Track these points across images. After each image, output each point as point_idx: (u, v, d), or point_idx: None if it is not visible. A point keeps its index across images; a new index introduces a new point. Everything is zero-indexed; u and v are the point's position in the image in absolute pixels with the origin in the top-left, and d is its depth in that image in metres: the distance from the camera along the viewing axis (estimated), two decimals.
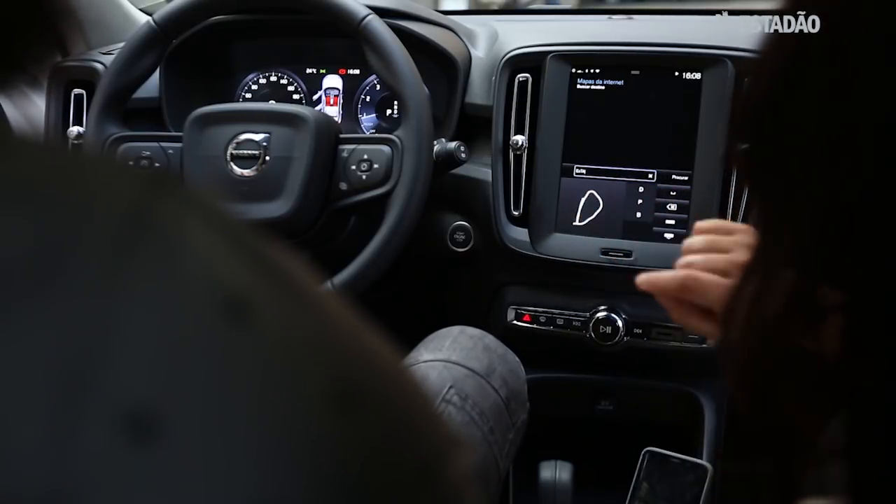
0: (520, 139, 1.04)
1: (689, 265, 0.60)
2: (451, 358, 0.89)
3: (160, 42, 1.02)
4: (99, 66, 1.13)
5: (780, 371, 0.33)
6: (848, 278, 0.30)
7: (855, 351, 0.30)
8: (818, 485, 0.32)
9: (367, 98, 1.23)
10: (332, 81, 1.24)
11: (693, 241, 0.63)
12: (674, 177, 1.01)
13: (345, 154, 0.97)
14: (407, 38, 1.03)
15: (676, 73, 1.01)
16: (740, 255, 0.59)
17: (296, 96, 1.25)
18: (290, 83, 1.25)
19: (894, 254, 0.29)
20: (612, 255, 1.02)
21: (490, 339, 0.95)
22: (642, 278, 0.62)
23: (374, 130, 1.23)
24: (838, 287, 0.31)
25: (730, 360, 0.35)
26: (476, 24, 1.23)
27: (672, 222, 1.01)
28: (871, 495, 0.30)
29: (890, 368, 0.30)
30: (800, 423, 0.33)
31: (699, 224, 0.65)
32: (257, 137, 0.96)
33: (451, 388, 0.85)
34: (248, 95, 1.26)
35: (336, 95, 1.24)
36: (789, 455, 0.33)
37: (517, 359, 0.97)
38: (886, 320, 0.29)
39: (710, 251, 0.61)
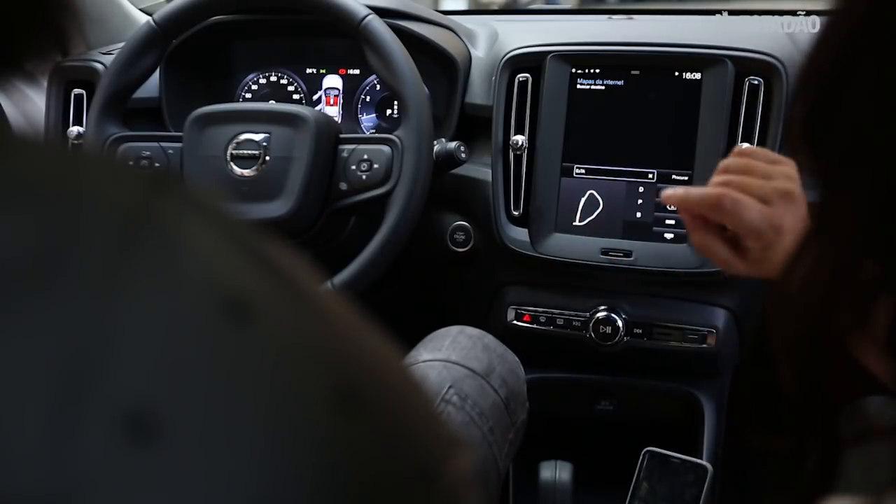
0: (520, 139, 1.04)
1: (726, 184, 0.56)
2: (450, 358, 0.89)
3: (160, 42, 1.02)
4: (99, 66, 1.13)
5: (827, 351, 0.32)
6: None
7: None
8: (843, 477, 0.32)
9: (367, 98, 1.23)
10: (332, 81, 1.24)
11: (732, 161, 0.59)
12: (674, 177, 1.01)
13: (345, 154, 0.97)
14: (407, 38, 1.03)
15: (676, 73, 1.01)
16: (784, 184, 0.55)
17: (296, 96, 1.25)
18: (290, 83, 1.25)
19: None
20: (612, 255, 1.01)
21: (489, 339, 0.95)
22: (668, 193, 0.58)
23: (374, 130, 1.23)
24: (891, 266, 0.30)
25: (778, 332, 0.34)
26: (476, 24, 1.22)
27: (672, 222, 1.01)
28: None
29: None
30: (839, 402, 0.32)
31: (741, 147, 0.61)
32: (257, 137, 0.96)
33: (450, 387, 0.85)
34: (248, 95, 1.26)
35: (336, 95, 1.24)
36: (833, 434, 0.32)
37: (516, 358, 0.97)
38: None
39: (749, 174, 0.57)
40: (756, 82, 0.98)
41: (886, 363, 0.30)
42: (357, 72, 1.23)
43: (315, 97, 1.25)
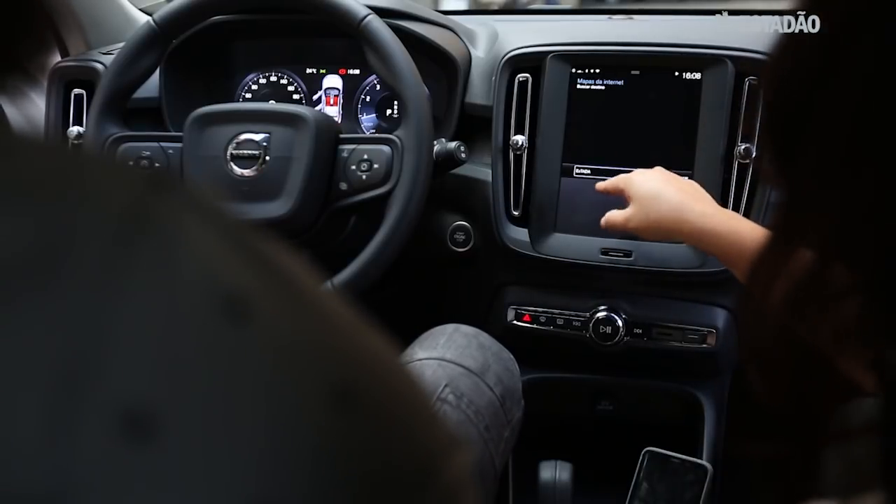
0: (520, 139, 1.04)
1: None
2: (445, 356, 0.89)
3: (160, 42, 1.02)
4: (99, 66, 1.13)
5: (794, 353, 0.32)
6: (869, 261, 0.30)
7: (869, 334, 0.30)
8: (825, 478, 0.32)
9: (367, 98, 1.23)
10: (332, 81, 1.24)
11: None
12: None
13: (345, 154, 0.97)
14: (407, 38, 1.03)
15: (676, 73, 1.01)
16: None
17: (296, 96, 1.25)
18: (290, 83, 1.25)
19: None
20: (612, 255, 1.01)
21: (484, 337, 0.95)
22: (599, 185, 0.92)
23: (374, 130, 1.23)
24: (857, 269, 0.30)
25: (747, 338, 0.35)
26: (476, 24, 1.23)
27: None
28: None
29: None
30: (823, 407, 0.32)
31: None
32: (257, 137, 0.96)
33: (445, 386, 0.85)
34: (248, 95, 1.26)
35: (336, 95, 1.24)
36: (811, 438, 0.32)
37: (511, 356, 0.97)
38: None
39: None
40: (756, 82, 0.98)
41: (856, 364, 0.31)
42: (357, 72, 1.23)
43: (315, 97, 1.25)
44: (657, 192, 0.84)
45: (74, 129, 1.11)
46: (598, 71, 1.03)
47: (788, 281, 0.32)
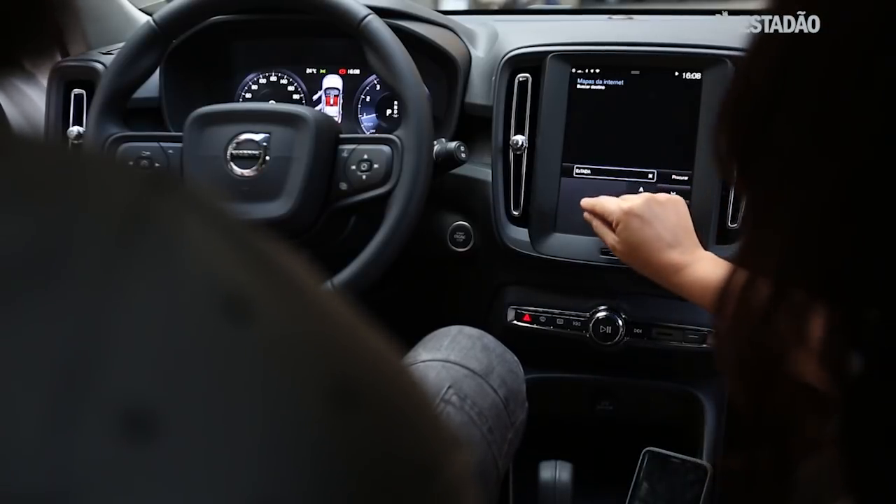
0: (520, 139, 1.04)
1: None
2: (449, 358, 0.89)
3: (160, 42, 1.02)
4: (99, 66, 1.13)
5: (769, 365, 0.33)
6: (834, 274, 0.30)
7: (838, 347, 0.30)
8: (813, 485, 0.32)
9: (367, 98, 1.23)
10: (332, 81, 1.24)
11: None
12: (674, 177, 1.01)
13: (345, 154, 0.97)
14: (407, 38, 1.03)
15: (676, 73, 1.01)
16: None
17: (296, 96, 1.25)
18: (290, 83, 1.25)
19: (880, 251, 0.29)
20: (612, 255, 1.01)
21: (489, 339, 0.95)
22: (584, 202, 0.96)
23: (374, 130, 1.23)
24: (824, 283, 0.31)
25: (724, 353, 0.35)
26: (476, 24, 1.23)
27: None
28: (867, 487, 0.30)
29: (875, 364, 0.30)
30: (793, 418, 0.33)
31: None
32: (257, 137, 0.96)
33: (449, 388, 0.85)
34: (248, 95, 1.26)
35: (336, 95, 1.24)
36: (784, 449, 0.33)
37: (516, 358, 0.97)
38: (872, 319, 0.30)
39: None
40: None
41: (823, 377, 0.31)
42: (357, 72, 1.23)
43: (315, 97, 1.25)
44: (633, 243, 0.89)
45: (74, 129, 1.11)
46: (598, 71, 1.03)
47: (755, 297, 0.33)
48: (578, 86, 1.04)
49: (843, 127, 0.29)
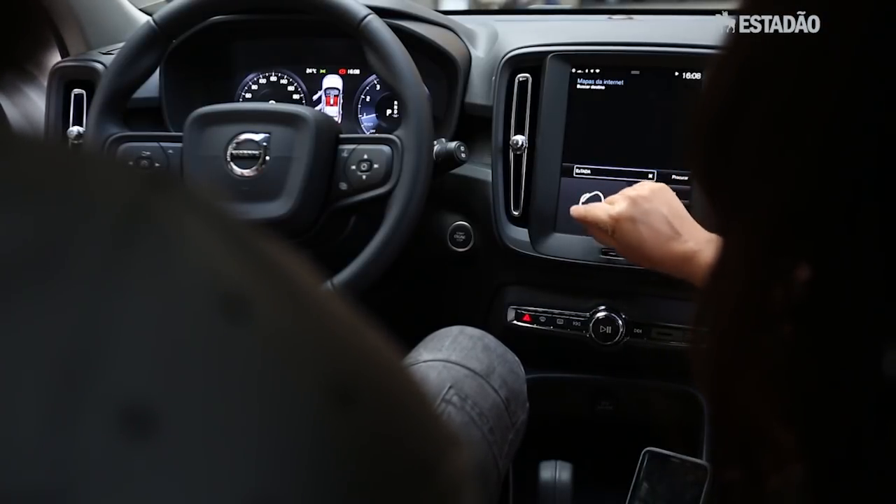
0: (520, 139, 1.04)
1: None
2: (450, 358, 0.89)
3: (160, 42, 1.03)
4: (99, 66, 1.13)
5: (738, 370, 0.33)
6: (798, 279, 0.31)
7: (804, 352, 0.30)
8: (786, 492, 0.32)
9: (367, 98, 1.23)
10: (332, 81, 1.24)
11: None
12: (674, 177, 1.01)
13: (345, 154, 0.97)
14: (407, 38, 1.03)
15: (676, 73, 1.01)
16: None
17: (296, 96, 1.25)
18: (290, 83, 1.25)
19: (843, 256, 0.29)
20: (612, 255, 1.01)
21: (490, 340, 0.95)
22: (574, 209, 0.93)
23: (374, 130, 1.23)
24: (789, 287, 0.31)
25: (697, 358, 0.35)
26: (476, 24, 1.23)
27: None
28: (827, 495, 0.30)
29: (837, 369, 0.30)
30: (764, 424, 0.33)
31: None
32: (257, 137, 0.96)
33: (450, 388, 0.85)
34: (248, 95, 1.26)
35: (336, 95, 1.24)
36: (754, 455, 0.33)
37: (517, 359, 0.97)
38: (835, 323, 0.30)
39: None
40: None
41: (780, 389, 0.31)
42: (357, 72, 1.23)
43: (315, 97, 1.25)
44: (633, 245, 0.87)
45: (74, 129, 1.11)
46: (598, 71, 1.03)
47: (729, 303, 0.33)
48: (578, 86, 1.04)
49: (810, 127, 0.29)
